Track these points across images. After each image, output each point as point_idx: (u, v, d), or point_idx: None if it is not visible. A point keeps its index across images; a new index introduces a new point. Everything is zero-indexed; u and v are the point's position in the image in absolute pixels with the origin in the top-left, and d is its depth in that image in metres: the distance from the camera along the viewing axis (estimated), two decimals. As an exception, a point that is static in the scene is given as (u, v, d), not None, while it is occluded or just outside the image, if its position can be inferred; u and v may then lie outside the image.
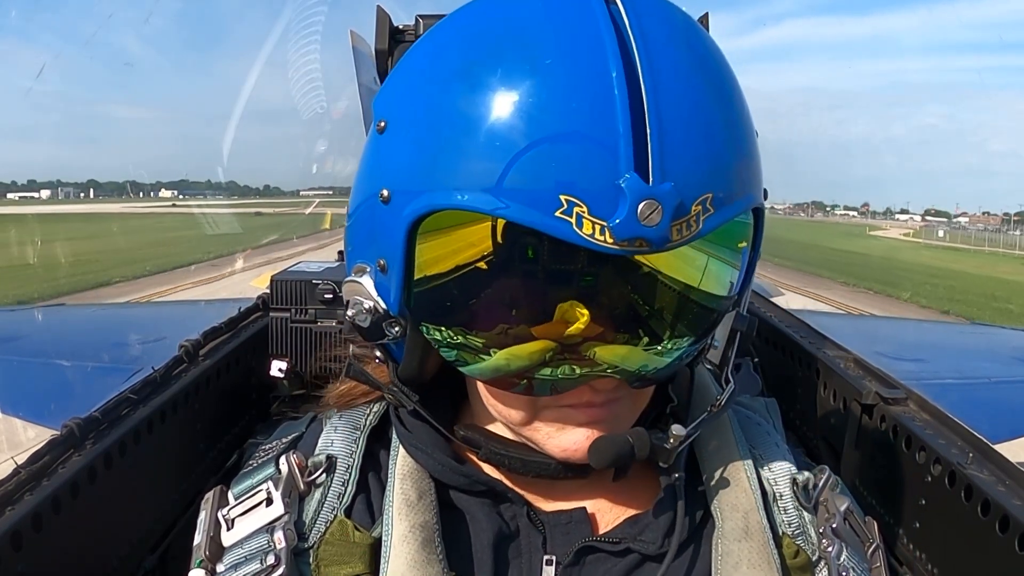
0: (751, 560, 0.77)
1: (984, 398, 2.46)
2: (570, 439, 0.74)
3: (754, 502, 0.80)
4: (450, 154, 0.64)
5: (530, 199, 0.61)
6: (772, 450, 0.86)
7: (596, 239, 0.60)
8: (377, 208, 0.69)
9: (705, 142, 0.64)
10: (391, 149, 0.69)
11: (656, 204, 0.60)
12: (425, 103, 0.67)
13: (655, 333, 0.70)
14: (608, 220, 0.60)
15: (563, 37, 0.63)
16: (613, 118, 0.60)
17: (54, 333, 3.34)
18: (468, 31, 0.69)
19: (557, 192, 0.60)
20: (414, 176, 0.66)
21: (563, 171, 0.60)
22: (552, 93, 0.61)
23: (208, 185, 70.08)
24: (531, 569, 0.78)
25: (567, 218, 0.60)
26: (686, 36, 0.67)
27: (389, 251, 0.69)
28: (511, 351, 0.69)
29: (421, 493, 0.79)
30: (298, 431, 0.88)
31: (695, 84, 0.65)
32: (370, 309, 0.73)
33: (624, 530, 0.79)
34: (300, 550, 0.77)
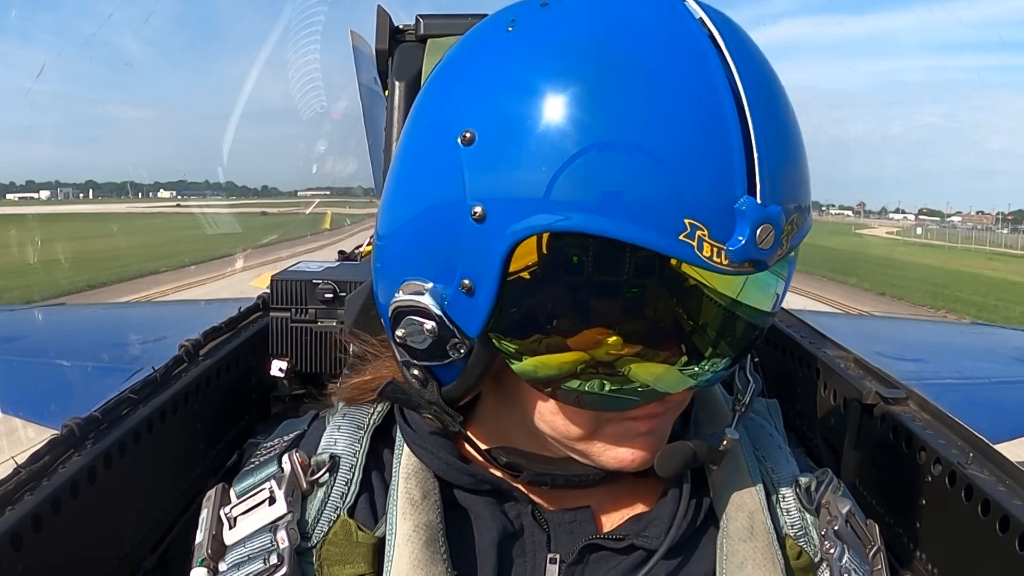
0: (756, 560, 0.77)
1: (984, 398, 2.46)
2: (629, 451, 0.74)
3: (758, 503, 0.80)
4: (561, 173, 0.60)
5: (651, 222, 0.59)
6: (775, 452, 0.86)
7: (713, 262, 0.61)
8: (464, 225, 0.64)
9: (794, 161, 0.65)
10: (484, 163, 0.63)
11: (771, 228, 0.61)
12: (528, 117, 0.62)
13: (696, 351, 0.68)
14: (726, 243, 0.60)
15: (671, 56, 0.62)
16: (727, 141, 0.60)
17: (54, 333, 3.34)
18: (573, 44, 0.64)
19: (681, 215, 0.59)
20: (518, 194, 0.62)
21: (685, 194, 0.59)
22: (668, 116, 0.60)
23: (207, 185, 70.28)
24: (535, 568, 0.78)
25: (690, 241, 0.60)
26: (762, 54, 0.68)
27: (480, 272, 0.64)
28: (542, 360, 0.67)
29: (425, 492, 0.79)
30: (300, 429, 0.88)
31: (781, 103, 0.66)
32: (432, 330, 0.69)
33: (628, 527, 0.79)
34: (303, 550, 0.77)
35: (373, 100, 2.34)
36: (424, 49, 1.80)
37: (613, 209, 0.60)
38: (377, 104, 2.31)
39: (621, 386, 0.68)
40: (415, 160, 0.71)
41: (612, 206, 0.60)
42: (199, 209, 64.04)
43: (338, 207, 32.20)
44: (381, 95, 2.25)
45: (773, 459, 0.85)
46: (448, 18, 1.84)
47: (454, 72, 0.71)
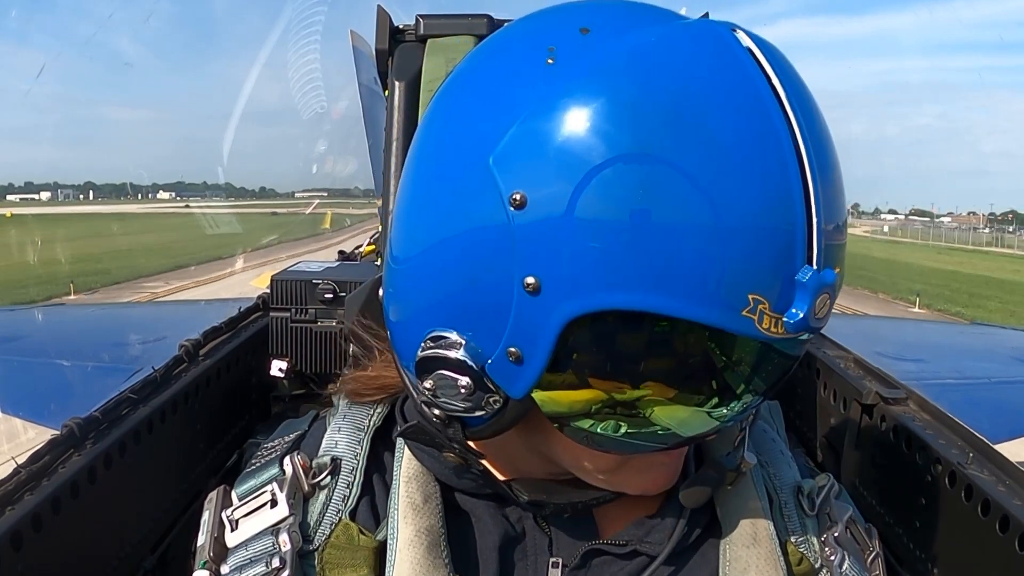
0: (759, 566, 0.77)
1: (984, 398, 2.46)
2: (653, 478, 0.74)
3: (761, 509, 0.80)
4: (624, 249, 0.57)
5: (717, 300, 0.57)
6: (777, 457, 0.86)
7: (771, 332, 0.59)
8: (514, 294, 0.60)
9: (842, 217, 0.63)
10: (538, 232, 0.58)
11: (828, 297, 0.59)
12: (587, 184, 0.57)
13: (729, 389, 0.65)
14: (785, 313, 0.58)
15: (736, 120, 0.58)
16: (792, 207, 0.58)
17: (54, 333, 3.34)
18: (626, 98, 0.58)
19: (746, 292, 0.57)
20: (579, 271, 0.58)
21: (750, 268, 0.57)
22: (736, 187, 0.57)
23: (205, 186, 70.31)
24: (537, 572, 0.78)
25: (751, 316, 0.58)
26: (814, 102, 0.64)
27: (532, 344, 0.61)
28: (549, 395, 0.65)
29: (427, 496, 0.78)
30: (300, 430, 0.88)
31: (831, 150, 0.63)
32: (467, 386, 0.65)
33: (630, 532, 0.79)
34: (305, 553, 0.76)
35: (373, 100, 2.34)
36: (424, 49, 1.80)
37: (677, 288, 0.57)
38: (377, 104, 2.31)
39: (639, 429, 0.65)
40: (449, 201, 0.64)
41: (676, 285, 0.57)
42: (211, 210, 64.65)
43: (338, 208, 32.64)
44: (381, 95, 2.25)
45: (775, 464, 0.85)
46: (448, 18, 1.84)
47: (491, 108, 0.63)
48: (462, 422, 0.70)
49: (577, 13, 0.64)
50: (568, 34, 0.62)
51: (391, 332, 0.75)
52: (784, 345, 0.64)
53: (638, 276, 0.57)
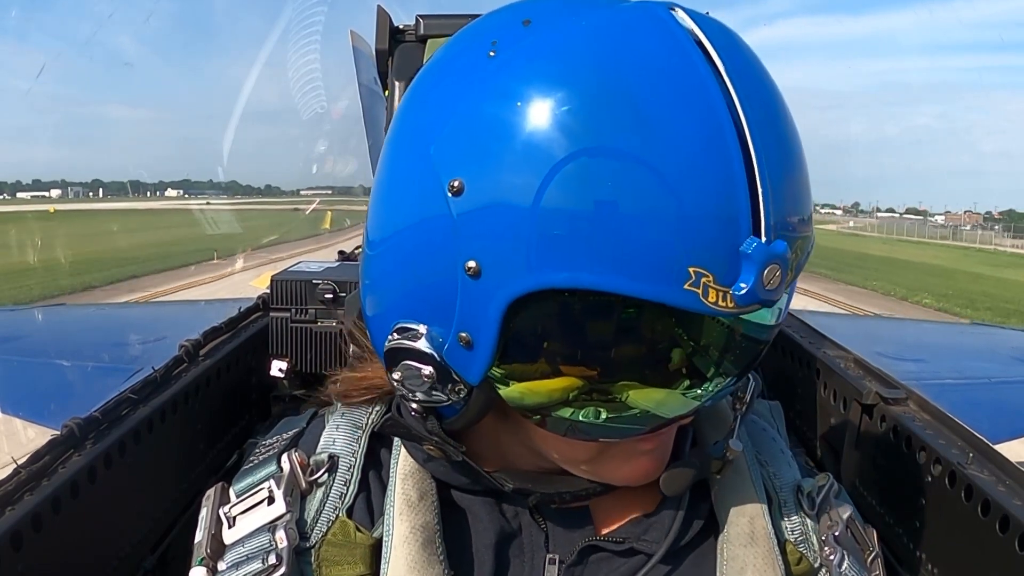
0: (756, 566, 0.77)
1: (984, 398, 2.45)
2: (634, 467, 0.74)
3: (760, 508, 0.80)
4: (559, 229, 0.57)
5: (655, 275, 0.57)
6: (778, 457, 0.86)
7: (719, 306, 0.58)
8: (458, 279, 0.61)
9: (799, 190, 0.62)
10: (476, 216, 0.60)
11: (778, 268, 0.58)
12: (519, 167, 0.58)
13: (699, 372, 0.66)
14: (732, 287, 0.58)
15: (671, 96, 0.58)
16: (731, 179, 0.57)
17: (54, 333, 3.34)
18: (557, 81, 0.59)
19: (686, 265, 0.57)
20: (516, 252, 0.59)
21: (689, 241, 0.57)
22: (669, 161, 0.57)
23: (210, 184, 70.54)
24: (533, 568, 0.78)
25: (695, 289, 0.57)
26: (764, 75, 0.64)
27: (478, 328, 0.62)
28: (527, 386, 0.65)
29: (422, 493, 0.79)
30: (299, 427, 0.88)
31: (783, 122, 0.63)
32: (430, 375, 0.67)
33: (628, 529, 0.79)
34: (302, 549, 0.76)
35: (373, 100, 2.34)
36: (424, 49, 1.80)
37: (613, 263, 0.57)
38: (377, 104, 2.31)
39: (619, 413, 0.65)
40: (396, 197, 0.67)
41: (612, 260, 0.57)
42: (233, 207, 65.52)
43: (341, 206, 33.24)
44: (381, 95, 2.25)
45: (775, 463, 0.85)
46: (448, 18, 1.84)
47: (433, 103, 0.66)
48: (438, 414, 0.72)
49: (523, 8, 0.65)
50: (511, 27, 0.64)
51: (367, 326, 0.76)
52: (750, 328, 0.65)
53: (572, 254, 0.57)
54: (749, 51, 0.64)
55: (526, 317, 0.61)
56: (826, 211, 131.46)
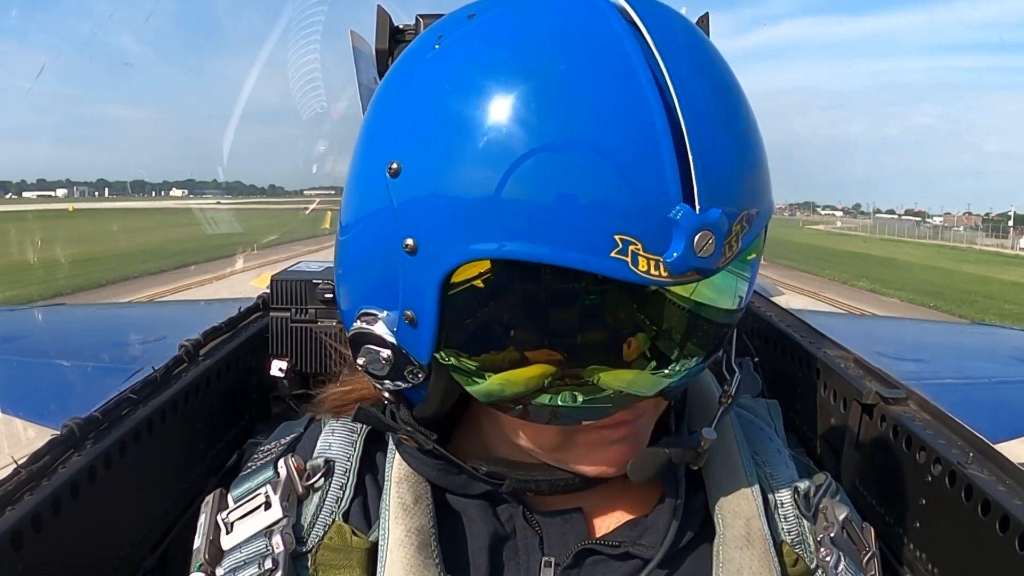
0: (752, 568, 0.76)
1: (984, 398, 2.45)
2: (603, 456, 0.74)
3: (756, 509, 0.80)
4: (485, 202, 0.59)
5: (579, 242, 0.58)
6: (774, 456, 0.85)
7: (652, 275, 0.59)
8: (399, 258, 0.63)
9: (739, 161, 0.63)
10: (411, 195, 0.62)
11: (710, 235, 0.58)
12: (448, 145, 0.61)
13: (663, 355, 0.67)
14: (663, 255, 0.58)
15: (593, 69, 0.60)
16: (658, 150, 0.58)
17: (54, 333, 3.34)
18: (486, 64, 0.62)
19: (611, 233, 0.58)
20: (446, 226, 0.61)
21: (612, 209, 0.58)
22: (590, 128, 0.58)
23: (215, 184, 70.74)
24: (529, 570, 0.78)
25: (623, 257, 0.58)
26: (703, 50, 0.65)
27: (419, 305, 0.64)
28: (506, 376, 0.66)
29: (417, 497, 0.79)
30: (296, 432, 0.88)
31: (722, 101, 0.63)
32: (388, 358, 0.69)
33: (624, 533, 0.79)
34: (298, 554, 0.76)
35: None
36: (424, 49, 1.80)
37: (538, 233, 0.58)
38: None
39: (594, 395, 0.66)
40: (354, 187, 0.70)
41: (537, 230, 0.58)
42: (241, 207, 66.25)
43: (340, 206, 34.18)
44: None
45: (772, 464, 0.85)
46: None
47: (384, 97, 0.70)
48: (408, 403, 0.74)
49: (476, 4, 0.68)
50: (458, 22, 0.66)
51: (342, 318, 0.78)
52: (711, 312, 0.67)
53: (497, 225, 0.59)
54: (688, 28, 0.66)
55: (465, 293, 0.62)
56: (826, 212, 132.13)
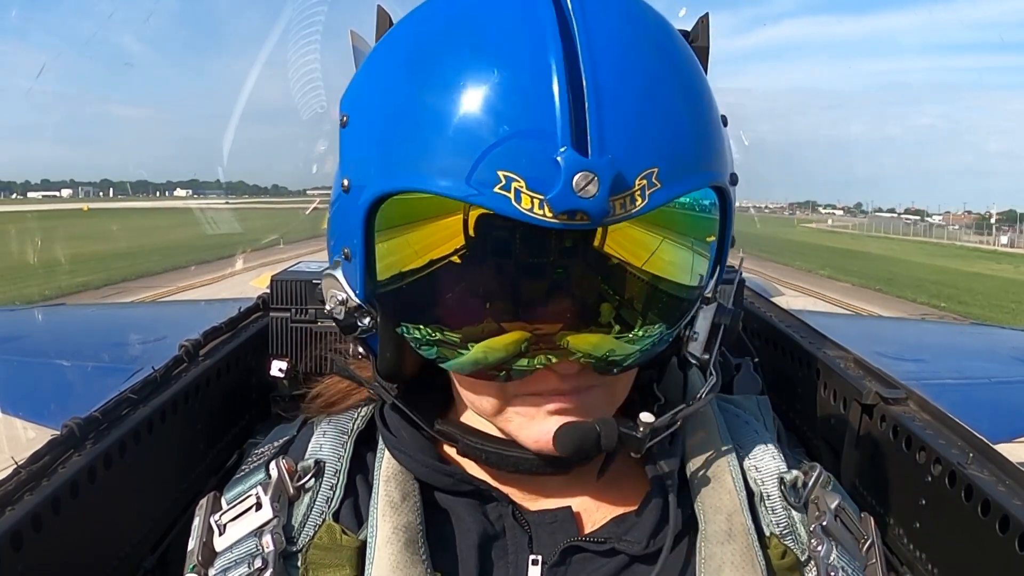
0: (734, 563, 0.77)
1: (984, 398, 2.45)
2: (540, 428, 0.74)
3: (738, 504, 0.80)
4: (396, 142, 0.66)
5: (469, 177, 0.62)
6: (760, 449, 0.86)
7: (535, 213, 0.61)
8: (341, 199, 0.72)
9: (649, 116, 0.64)
10: (351, 141, 0.72)
11: (591, 175, 0.60)
12: (376, 96, 0.71)
13: (626, 322, 0.70)
14: (546, 194, 0.60)
15: (502, 18, 0.65)
16: (549, 94, 0.60)
17: (54, 333, 3.34)
18: (413, 24, 0.73)
19: (495, 168, 0.61)
20: (368, 165, 0.69)
21: (498, 148, 0.61)
22: (489, 74, 0.62)
23: (218, 184, 71.14)
24: (517, 569, 0.78)
25: (506, 193, 0.61)
26: (627, 10, 0.68)
27: (351, 239, 0.71)
28: (488, 344, 0.69)
29: (405, 494, 0.79)
30: (289, 435, 0.89)
31: (638, 59, 0.65)
32: (343, 300, 0.76)
33: (609, 530, 0.79)
34: (288, 554, 0.77)
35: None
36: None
37: (440, 170, 0.63)
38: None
39: (565, 359, 0.71)
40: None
41: (432, 165, 0.64)
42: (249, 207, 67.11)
43: None
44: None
45: (757, 456, 0.85)
46: None
47: (359, 69, 0.80)
48: (374, 356, 0.80)
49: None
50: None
51: None
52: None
53: (402, 161, 0.66)
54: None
55: (388, 233, 0.69)
56: (827, 211, 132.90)
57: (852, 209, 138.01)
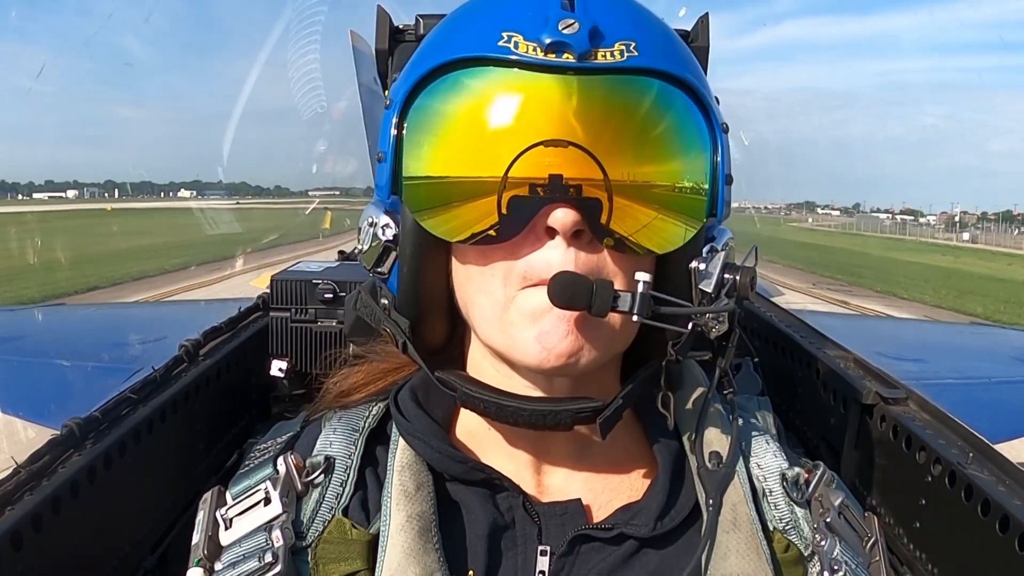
0: (739, 550, 0.78)
1: (984, 398, 2.46)
2: (538, 330, 0.73)
3: (742, 495, 0.81)
4: (423, 46, 0.83)
5: (477, 42, 0.76)
6: (761, 447, 0.87)
7: (529, 54, 0.73)
8: (385, 118, 0.81)
9: (625, 6, 0.79)
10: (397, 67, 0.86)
11: (574, 20, 0.73)
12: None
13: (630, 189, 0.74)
14: (536, 40, 0.73)
15: None
16: None
17: (54, 333, 3.34)
18: None
19: (500, 30, 0.74)
20: (405, 76, 0.81)
21: (504, 18, 0.76)
22: None
23: (221, 185, 71.41)
24: (526, 560, 0.79)
25: (507, 44, 0.74)
26: None
27: (386, 141, 0.80)
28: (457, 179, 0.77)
29: (419, 484, 0.80)
30: (293, 431, 0.89)
31: None
32: (372, 222, 0.81)
33: (616, 517, 0.81)
34: (298, 549, 0.77)
35: (373, 100, 2.33)
36: (424, 49, 1.80)
37: (446, 47, 0.79)
38: (377, 104, 2.31)
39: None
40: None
41: (445, 45, 0.79)
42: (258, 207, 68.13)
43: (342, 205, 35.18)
44: (381, 95, 2.25)
45: (759, 454, 0.86)
46: None
47: None
48: (391, 295, 0.84)
49: None
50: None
51: None
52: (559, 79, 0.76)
53: (427, 56, 0.79)
54: None
55: (413, 115, 0.79)
56: (823, 211, 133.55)
57: (850, 210, 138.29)
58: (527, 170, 0.72)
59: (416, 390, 0.87)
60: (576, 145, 0.71)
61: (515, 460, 0.83)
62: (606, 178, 0.72)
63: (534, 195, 0.72)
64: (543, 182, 0.71)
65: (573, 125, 0.72)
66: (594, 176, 0.72)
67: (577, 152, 0.71)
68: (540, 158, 0.72)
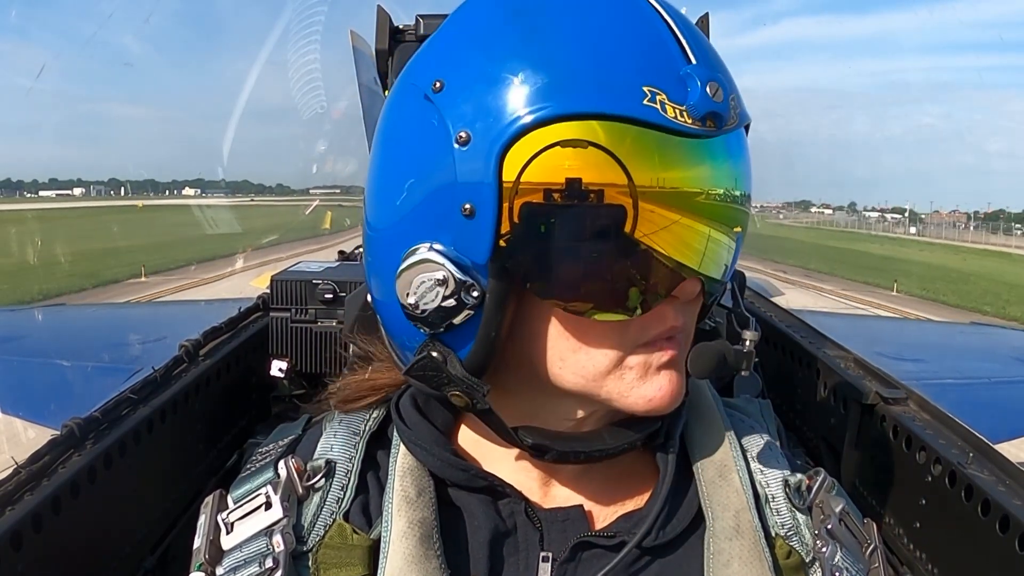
0: (742, 558, 0.78)
1: (984, 398, 2.46)
2: (655, 387, 0.74)
3: (745, 502, 0.81)
4: (529, 78, 0.67)
5: (616, 96, 0.66)
6: (764, 452, 0.87)
7: (680, 120, 0.66)
8: (454, 155, 0.67)
9: (712, 46, 0.75)
10: (459, 98, 0.68)
11: (717, 85, 0.68)
12: (487, 51, 0.70)
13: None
14: (685, 103, 0.66)
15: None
16: (657, 30, 0.69)
17: (54, 333, 3.34)
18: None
19: (640, 84, 0.66)
20: (497, 108, 0.67)
21: (638, 68, 0.67)
22: (603, 17, 0.69)
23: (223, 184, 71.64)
24: (528, 566, 0.79)
25: (653, 105, 0.66)
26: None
27: (477, 188, 0.66)
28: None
29: (420, 490, 0.80)
30: (294, 434, 0.89)
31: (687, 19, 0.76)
32: (443, 280, 0.69)
33: (619, 525, 0.80)
34: (299, 553, 0.77)
35: (373, 100, 2.34)
36: (424, 49, 1.80)
37: (581, 94, 0.66)
38: (377, 104, 2.31)
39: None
40: (394, 140, 0.75)
41: (580, 91, 0.66)
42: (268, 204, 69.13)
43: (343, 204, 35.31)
44: (381, 95, 2.25)
45: (762, 459, 0.86)
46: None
47: (423, 51, 0.78)
48: (456, 354, 0.74)
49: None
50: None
51: (377, 307, 0.78)
52: (713, 151, 0.71)
53: (548, 92, 0.66)
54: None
55: (520, 166, 0.66)
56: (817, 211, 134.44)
57: (847, 209, 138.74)
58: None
59: (416, 396, 0.87)
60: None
61: (519, 469, 0.83)
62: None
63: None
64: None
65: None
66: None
67: None
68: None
